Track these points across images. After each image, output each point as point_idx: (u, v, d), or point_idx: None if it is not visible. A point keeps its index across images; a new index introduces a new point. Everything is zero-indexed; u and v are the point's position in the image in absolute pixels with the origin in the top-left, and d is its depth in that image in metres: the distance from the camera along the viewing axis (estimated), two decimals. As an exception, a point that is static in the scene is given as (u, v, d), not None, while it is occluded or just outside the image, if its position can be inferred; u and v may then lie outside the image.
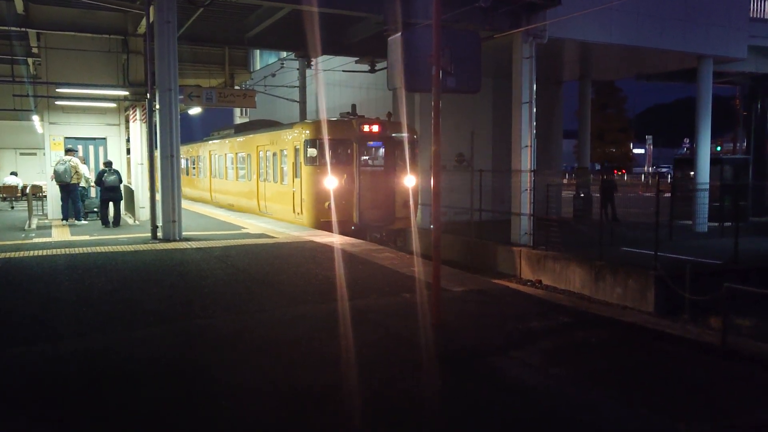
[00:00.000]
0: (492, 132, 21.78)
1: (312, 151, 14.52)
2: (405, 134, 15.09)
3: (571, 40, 16.18)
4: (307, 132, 14.76)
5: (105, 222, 14.56)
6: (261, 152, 17.54)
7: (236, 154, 20.04)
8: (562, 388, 4.54)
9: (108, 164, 14.86)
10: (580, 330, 6.04)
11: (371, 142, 14.86)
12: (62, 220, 15.31)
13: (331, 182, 14.19)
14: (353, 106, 15.73)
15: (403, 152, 14.95)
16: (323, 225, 14.16)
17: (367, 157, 14.94)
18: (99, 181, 14.64)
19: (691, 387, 4.65)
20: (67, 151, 15.45)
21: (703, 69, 18.22)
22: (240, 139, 19.86)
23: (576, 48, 18.31)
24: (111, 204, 14.73)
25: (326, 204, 14.22)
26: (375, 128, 14.73)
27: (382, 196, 14.77)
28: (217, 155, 22.31)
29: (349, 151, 14.58)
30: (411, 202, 14.99)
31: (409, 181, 15.02)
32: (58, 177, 14.87)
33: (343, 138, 14.49)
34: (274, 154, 16.57)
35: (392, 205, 14.93)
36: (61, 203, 15.34)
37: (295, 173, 15.10)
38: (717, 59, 18.35)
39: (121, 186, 15.17)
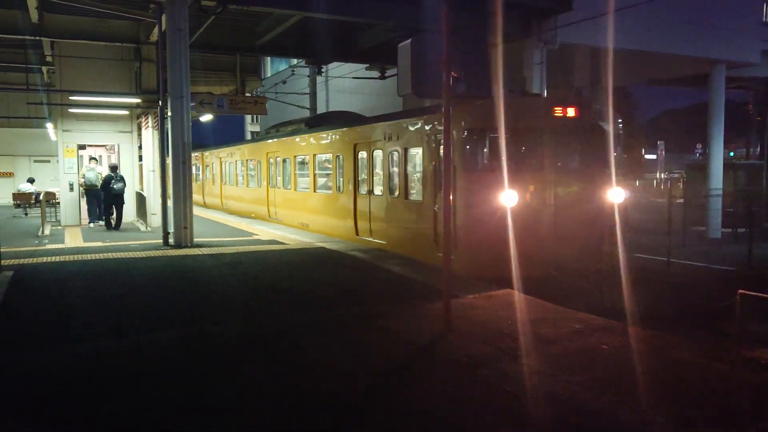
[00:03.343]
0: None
1: (475, 149, 9.51)
2: (610, 122, 10.19)
3: (582, 45, 16.13)
4: (469, 118, 9.40)
5: (109, 225, 15.48)
6: (361, 153, 12.61)
7: (314, 156, 15.06)
8: (573, 395, 4.50)
9: (113, 169, 15.60)
10: (591, 336, 5.99)
11: (567, 134, 9.77)
12: (90, 222, 16.26)
13: (511, 198, 8.96)
14: (522, 80, 10.49)
15: (607, 150, 10.06)
16: (488, 267, 8.80)
17: (560, 158, 9.87)
18: (105, 187, 15.45)
19: (703, 394, 4.59)
20: (91, 159, 17.16)
21: (715, 74, 18.12)
22: (323, 135, 14.67)
23: (587, 53, 18.25)
24: (114, 208, 15.55)
25: (497, 234, 8.73)
26: (571, 112, 9.67)
27: (582, 219, 9.69)
28: (279, 158, 17.44)
29: (536, 147, 9.67)
30: (619, 228, 9.82)
31: (617, 194, 10.04)
32: (88, 182, 16.01)
33: (528, 127, 9.47)
34: (391, 155, 11.45)
35: (597, 232, 9.82)
36: (87, 206, 16.38)
37: (438, 184, 9.70)
38: (729, 64, 18.24)
39: (125, 190, 16.05)
